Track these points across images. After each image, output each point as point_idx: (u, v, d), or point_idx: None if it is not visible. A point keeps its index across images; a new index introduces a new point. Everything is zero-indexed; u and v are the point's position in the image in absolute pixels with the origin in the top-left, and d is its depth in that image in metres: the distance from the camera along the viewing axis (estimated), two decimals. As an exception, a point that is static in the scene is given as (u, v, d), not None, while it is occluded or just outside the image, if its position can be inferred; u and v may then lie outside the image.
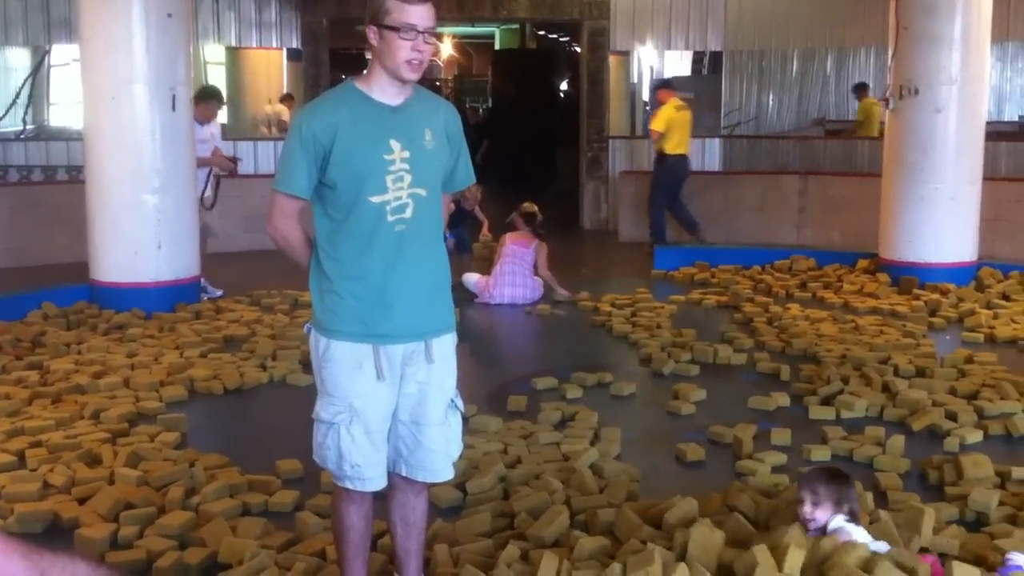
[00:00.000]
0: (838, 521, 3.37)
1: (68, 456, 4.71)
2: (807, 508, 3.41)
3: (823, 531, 3.38)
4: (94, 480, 4.43)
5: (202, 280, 8.39)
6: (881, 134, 11.52)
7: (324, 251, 3.11)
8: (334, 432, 3.11)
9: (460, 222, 9.12)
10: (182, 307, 7.86)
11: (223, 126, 10.46)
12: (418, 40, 2.99)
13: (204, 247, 8.60)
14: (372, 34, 3.04)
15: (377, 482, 3.18)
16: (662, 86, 11.84)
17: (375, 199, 3.02)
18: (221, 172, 8.73)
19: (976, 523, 3.99)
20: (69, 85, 12.85)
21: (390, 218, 3.04)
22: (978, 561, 3.45)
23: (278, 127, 14.08)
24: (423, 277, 3.11)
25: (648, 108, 15.46)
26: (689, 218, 11.44)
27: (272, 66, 14.75)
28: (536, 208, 8.99)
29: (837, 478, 3.51)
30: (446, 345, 3.22)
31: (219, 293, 8.62)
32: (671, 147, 11.20)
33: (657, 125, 11.21)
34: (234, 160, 8.87)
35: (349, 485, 3.16)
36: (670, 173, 11.33)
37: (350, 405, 3.09)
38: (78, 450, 4.78)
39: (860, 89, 13.93)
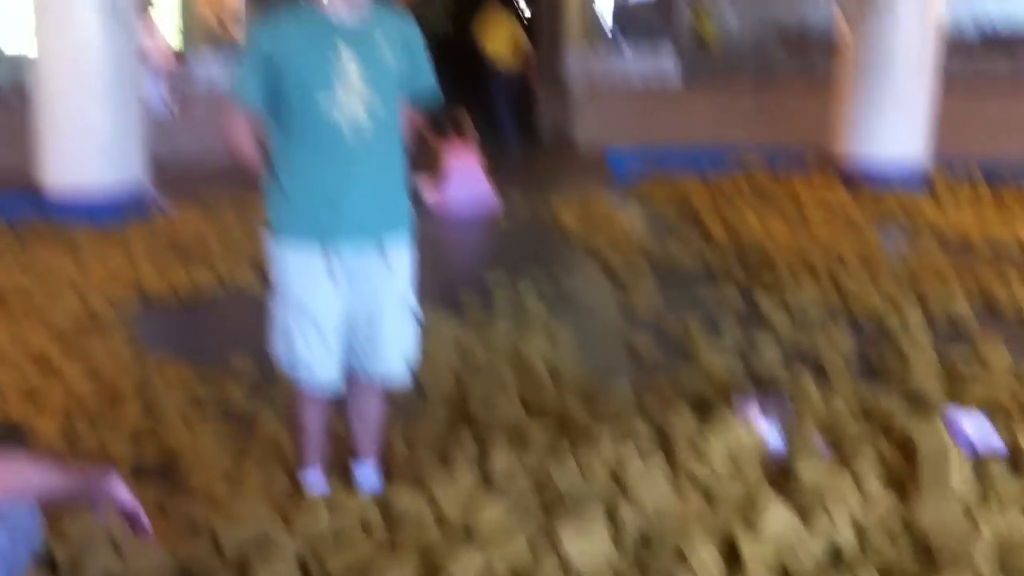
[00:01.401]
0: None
1: (16, 358, 4.66)
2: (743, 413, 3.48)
3: None
4: (45, 383, 4.41)
5: (151, 189, 8.26)
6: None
7: (277, 157, 3.12)
8: (286, 331, 3.16)
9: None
10: (131, 215, 7.75)
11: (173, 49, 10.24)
12: None
13: (155, 157, 8.47)
14: None
15: (329, 382, 3.22)
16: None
17: (326, 108, 3.02)
18: (170, 72, 8.57)
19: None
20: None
21: (341, 127, 3.03)
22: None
23: (227, 39, 13.72)
24: (375, 181, 3.12)
25: (602, 17, 15.25)
26: (510, 127, 12.27)
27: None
28: (460, 113, 8.97)
29: (771, 389, 3.59)
30: (400, 248, 3.24)
31: (168, 201, 8.50)
32: (500, 59, 12.11)
33: (487, 41, 12.03)
34: (179, 56, 8.70)
35: (302, 383, 3.23)
36: (502, 83, 12.24)
37: (300, 304, 3.12)
38: (27, 353, 4.74)
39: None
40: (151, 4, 8.65)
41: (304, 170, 3.06)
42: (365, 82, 3.03)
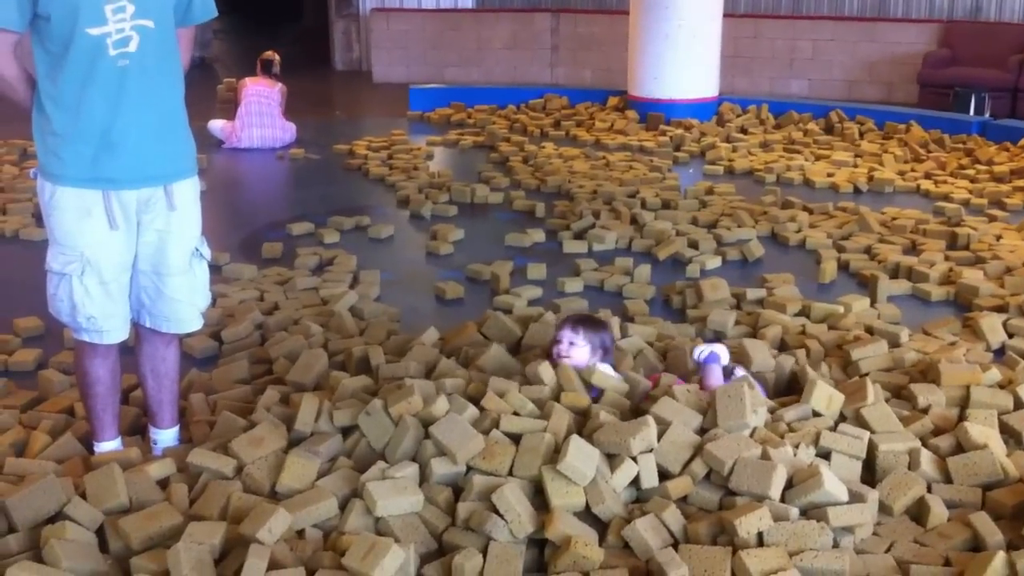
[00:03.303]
0: (601, 367, 3.49)
1: None
2: (563, 347, 3.52)
3: None
4: None
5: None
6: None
7: (44, 90, 2.88)
8: (66, 283, 2.96)
9: None
10: None
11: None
12: None
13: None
14: None
15: (116, 334, 3.06)
16: None
17: (93, 31, 2.80)
18: None
19: (715, 341, 4.24)
20: None
21: (112, 52, 2.82)
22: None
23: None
24: (153, 116, 2.94)
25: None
26: None
27: None
28: (274, 55, 8.67)
29: (596, 323, 3.63)
30: (187, 190, 3.08)
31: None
32: None
33: None
34: None
35: (87, 338, 3.05)
36: None
37: (81, 255, 2.93)
38: None
39: None
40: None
41: (75, 104, 2.84)
42: (135, 3, 2.83)
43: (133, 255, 3.03)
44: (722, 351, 3.62)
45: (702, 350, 3.61)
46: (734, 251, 5.58)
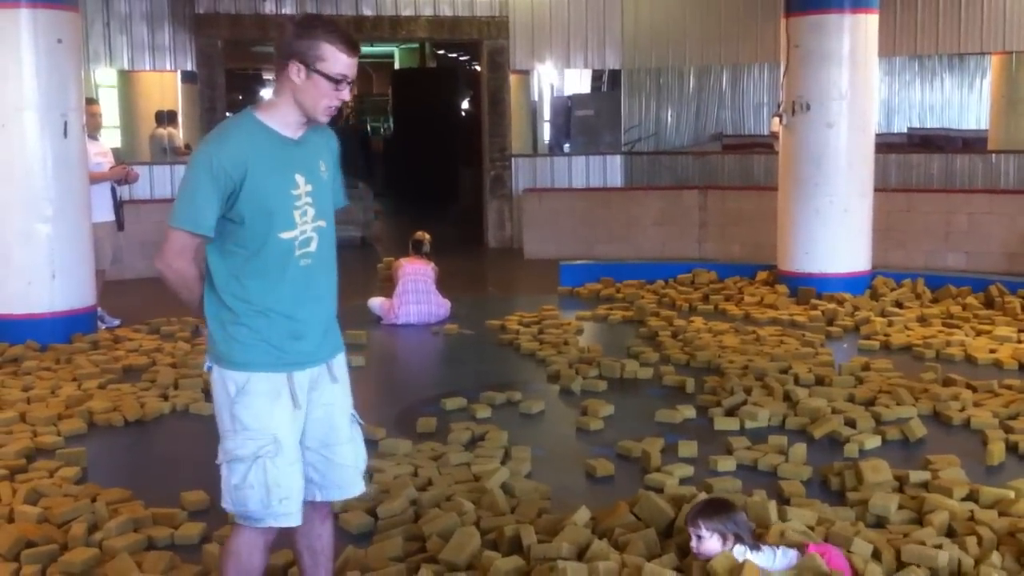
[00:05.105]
0: (738, 552, 3.41)
1: (-38, 497, 4.54)
2: (693, 543, 3.46)
3: None
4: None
5: (99, 309, 8.19)
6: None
7: (227, 287, 3.01)
8: (258, 468, 2.97)
9: None
10: (79, 338, 7.66)
11: (115, 150, 10.27)
12: (343, 88, 2.99)
13: (103, 276, 8.43)
14: (295, 71, 2.95)
15: (299, 515, 3.08)
16: None
17: (285, 235, 2.99)
18: (120, 186, 8.62)
19: (877, 527, 4.09)
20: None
21: (297, 252, 3.02)
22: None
23: (172, 151, 13.78)
24: (328, 304, 3.15)
25: (547, 127, 15.64)
26: None
27: (166, 89, 14.44)
28: (423, 236, 9.04)
29: (716, 510, 3.53)
30: (342, 363, 3.24)
31: (116, 322, 8.42)
32: None
33: None
34: (127, 172, 8.69)
35: (273, 523, 3.03)
36: None
37: (273, 437, 2.99)
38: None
39: None
40: (100, 127, 8.75)
41: (266, 300, 3.00)
42: (315, 206, 3.04)
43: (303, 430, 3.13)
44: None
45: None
46: (894, 430, 5.41)
